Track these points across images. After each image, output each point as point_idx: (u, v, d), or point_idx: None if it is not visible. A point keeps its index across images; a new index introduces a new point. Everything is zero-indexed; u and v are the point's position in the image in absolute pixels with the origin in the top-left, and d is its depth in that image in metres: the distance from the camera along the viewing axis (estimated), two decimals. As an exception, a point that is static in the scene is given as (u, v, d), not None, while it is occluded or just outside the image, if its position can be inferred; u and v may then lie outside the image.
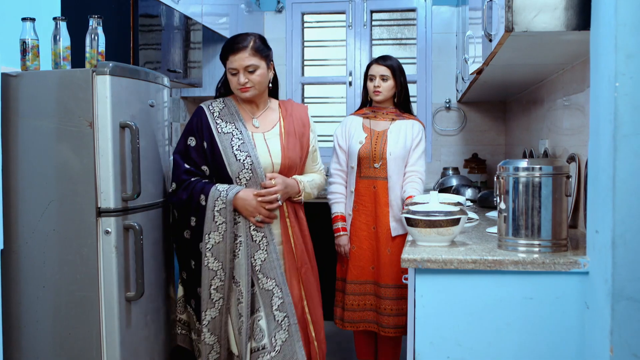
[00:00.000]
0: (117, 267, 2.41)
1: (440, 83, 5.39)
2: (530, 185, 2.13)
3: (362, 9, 5.48)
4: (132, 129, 2.45)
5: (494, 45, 2.40)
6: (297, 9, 5.59)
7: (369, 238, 3.51)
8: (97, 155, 2.39)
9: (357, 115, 3.63)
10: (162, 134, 2.82)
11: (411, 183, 3.44)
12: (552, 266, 2.01)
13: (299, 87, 5.61)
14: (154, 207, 2.71)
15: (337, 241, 3.55)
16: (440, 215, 2.24)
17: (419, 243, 2.29)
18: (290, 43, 5.59)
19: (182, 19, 3.78)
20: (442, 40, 5.38)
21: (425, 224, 2.23)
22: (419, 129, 3.53)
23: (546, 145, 3.45)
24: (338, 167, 3.59)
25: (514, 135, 4.85)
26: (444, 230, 2.23)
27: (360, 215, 3.52)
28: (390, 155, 3.44)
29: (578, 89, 2.78)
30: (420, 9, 5.41)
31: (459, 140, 5.40)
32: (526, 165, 2.15)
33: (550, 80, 3.38)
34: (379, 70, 3.50)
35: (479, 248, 2.22)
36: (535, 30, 2.08)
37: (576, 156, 2.74)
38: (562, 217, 2.14)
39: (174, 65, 3.66)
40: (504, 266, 2.03)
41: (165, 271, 2.82)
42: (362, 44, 5.51)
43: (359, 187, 3.51)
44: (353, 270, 3.53)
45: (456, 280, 2.08)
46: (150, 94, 2.71)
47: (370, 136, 3.52)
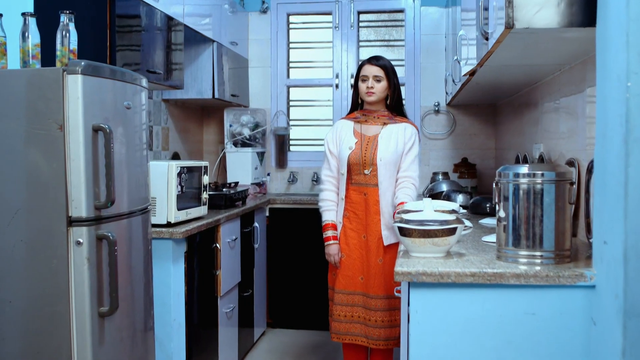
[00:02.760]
0: (90, 280, 2.25)
1: (429, 86, 5.26)
2: (532, 192, 2.00)
3: (348, 10, 5.35)
4: (105, 132, 2.29)
5: (491, 44, 2.26)
6: (283, 10, 5.45)
7: (359, 247, 3.37)
8: (68, 160, 2.23)
9: (348, 120, 3.49)
10: (139, 137, 2.66)
11: (403, 189, 3.30)
12: (557, 279, 1.88)
13: (284, 90, 5.46)
14: (130, 216, 2.55)
15: (327, 250, 3.40)
16: (436, 224, 2.10)
17: (412, 254, 2.15)
18: (275, 44, 5.45)
19: (163, 19, 3.63)
20: (430, 42, 5.26)
21: (420, 234, 2.09)
22: (411, 132, 3.39)
23: (541, 149, 3.33)
24: (329, 174, 3.44)
25: (505, 139, 4.73)
26: (440, 240, 2.09)
27: (350, 223, 3.38)
28: (381, 161, 3.31)
29: (576, 91, 2.66)
30: (408, 9, 5.29)
31: (448, 144, 5.27)
32: (527, 171, 2.01)
33: (545, 82, 3.26)
34: (372, 71, 3.36)
35: (477, 259, 2.08)
36: (537, 27, 1.95)
37: (575, 161, 2.62)
38: (565, 226, 2.00)
39: (154, 66, 3.50)
40: (505, 279, 1.90)
41: (143, 284, 2.66)
42: (349, 45, 5.38)
43: (350, 194, 3.38)
44: (341, 280, 3.39)
45: (453, 294, 1.94)
46: (126, 95, 2.55)
47: (360, 141, 3.38)
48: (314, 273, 4.75)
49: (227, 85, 4.80)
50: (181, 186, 3.18)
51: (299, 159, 5.48)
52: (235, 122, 5.12)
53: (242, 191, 4.29)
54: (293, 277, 4.88)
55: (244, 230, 4.19)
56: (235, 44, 4.96)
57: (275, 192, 5.43)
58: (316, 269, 4.71)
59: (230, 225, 3.85)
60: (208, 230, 3.48)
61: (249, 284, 4.35)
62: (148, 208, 2.79)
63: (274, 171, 5.46)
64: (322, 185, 3.47)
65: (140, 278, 2.65)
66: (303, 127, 5.56)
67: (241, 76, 5.23)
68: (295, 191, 5.42)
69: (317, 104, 5.56)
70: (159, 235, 3.03)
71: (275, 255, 4.88)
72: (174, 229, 3.07)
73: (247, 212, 4.22)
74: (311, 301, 4.83)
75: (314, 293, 4.79)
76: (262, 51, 5.45)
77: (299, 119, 5.55)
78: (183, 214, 3.21)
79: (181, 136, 4.94)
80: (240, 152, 5.00)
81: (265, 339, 4.77)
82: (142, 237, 2.71)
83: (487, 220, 3.15)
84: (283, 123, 5.42)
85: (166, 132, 4.61)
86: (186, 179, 3.24)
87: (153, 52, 3.50)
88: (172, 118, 4.73)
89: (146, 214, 2.75)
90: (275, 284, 4.90)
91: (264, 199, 4.76)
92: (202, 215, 3.49)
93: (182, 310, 3.17)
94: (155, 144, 4.42)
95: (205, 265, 3.48)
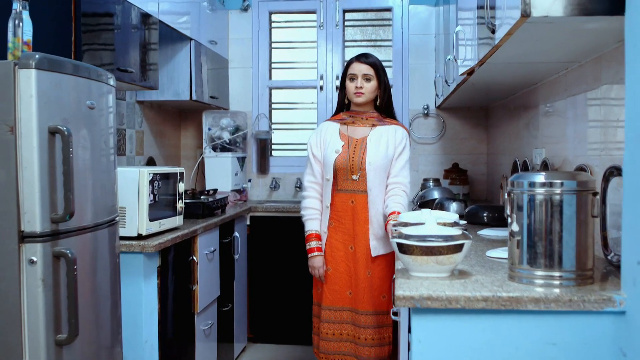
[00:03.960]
0: (45, 305, 1.97)
1: (417, 88, 5.03)
2: (550, 203, 1.75)
3: (333, 9, 5.10)
4: (64, 135, 2.01)
5: (499, 37, 2.02)
6: (264, 8, 5.19)
7: (345, 259, 3.11)
8: (20, 167, 1.95)
9: (334, 121, 3.24)
10: (105, 141, 2.39)
11: (394, 197, 3.06)
12: (581, 304, 1.64)
13: (266, 92, 5.20)
14: (95, 229, 2.28)
15: (311, 262, 3.14)
16: (440, 240, 1.85)
17: (412, 273, 1.90)
18: (256, 44, 5.19)
19: (136, 14, 3.35)
20: (419, 41, 5.03)
21: (422, 251, 1.84)
22: (402, 135, 3.15)
23: (543, 155, 3.10)
24: (312, 180, 3.19)
25: (498, 143, 4.51)
26: (444, 258, 1.84)
27: (336, 234, 3.13)
28: (370, 166, 3.06)
29: (587, 90, 2.43)
30: (396, 8, 5.06)
31: (438, 149, 5.04)
32: (544, 180, 1.77)
33: (547, 83, 3.03)
34: (361, 69, 3.11)
35: (487, 280, 1.83)
36: (556, 15, 1.71)
37: (587, 168, 2.39)
38: (587, 242, 1.76)
39: (126, 64, 3.22)
40: (522, 305, 1.65)
41: (109, 305, 2.39)
42: (334, 45, 5.13)
43: (335, 202, 3.12)
44: (328, 295, 3.13)
45: (463, 321, 1.69)
46: (91, 94, 2.28)
47: (347, 144, 3.13)
48: (298, 285, 4.49)
49: (206, 86, 4.53)
50: (154, 194, 2.91)
51: (282, 165, 5.22)
52: (215, 125, 4.86)
53: (222, 199, 4.02)
54: (275, 290, 4.61)
55: (224, 241, 3.92)
56: (214, 43, 4.69)
57: (257, 199, 5.16)
58: (300, 280, 4.45)
59: (208, 236, 3.58)
60: (184, 242, 3.21)
61: (228, 298, 4.08)
62: (116, 219, 2.52)
63: (255, 177, 5.19)
64: (304, 192, 3.22)
65: (106, 298, 2.38)
66: (286, 131, 5.30)
67: (221, 77, 4.96)
68: (278, 198, 5.16)
69: (301, 107, 5.31)
70: (128, 249, 2.76)
71: (257, 267, 4.61)
72: (145, 241, 2.80)
73: (226, 222, 3.95)
74: (294, 315, 4.57)
75: (297, 306, 4.53)
76: (242, 51, 5.19)
77: (281, 122, 5.29)
78: (156, 224, 2.93)
79: (157, 140, 4.65)
80: (219, 157, 4.74)
81: (246, 355, 4.50)
82: (109, 252, 2.44)
83: (486, 232, 2.91)
84: (265, 127, 5.16)
85: (141, 136, 4.33)
86: (159, 186, 2.97)
87: (125, 49, 3.23)
88: (147, 121, 4.45)
89: (113, 226, 2.48)
90: (256, 296, 4.63)
91: (244, 207, 4.49)
92: (178, 226, 3.22)
93: (155, 330, 2.89)
94: (129, 149, 4.14)
95: (181, 280, 3.21)
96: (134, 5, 3.31)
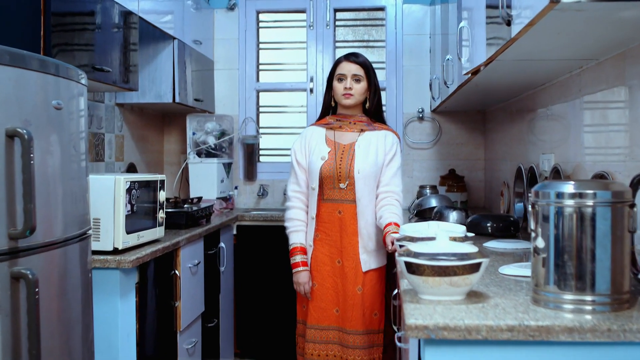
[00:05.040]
0: (1, 334, 1.72)
1: (412, 90, 4.81)
2: (581, 217, 1.53)
3: (324, 8, 4.88)
4: (23, 138, 1.76)
5: (517, 30, 1.80)
6: (252, 7, 4.96)
7: (332, 274, 2.89)
8: (-27, 176, 1.70)
9: (319, 126, 3.01)
10: (75, 146, 2.14)
11: (388, 207, 2.84)
12: (621, 334, 1.41)
13: (253, 95, 4.96)
14: (64, 244, 2.03)
15: (296, 278, 2.92)
16: (454, 259, 1.62)
17: (422, 296, 1.67)
18: (243, 45, 4.95)
19: (115, 10, 3.10)
20: (414, 42, 4.81)
21: (434, 272, 1.61)
22: (392, 141, 2.94)
23: (552, 160, 2.89)
24: (296, 189, 2.96)
25: (497, 149, 4.30)
26: (459, 279, 1.61)
27: (322, 247, 2.91)
28: (359, 174, 2.84)
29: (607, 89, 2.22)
30: (389, 7, 4.84)
31: (433, 154, 4.82)
32: (573, 190, 1.55)
33: (558, 83, 2.82)
34: (350, 69, 2.90)
35: (508, 304, 1.60)
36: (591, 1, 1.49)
37: (608, 175, 2.17)
38: (624, 262, 1.54)
39: (102, 63, 2.97)
40: (553, 335, 1.42)
41: (80, 329, 2.14)
42: (324, 46, 4.90)
43: (322, 213, 2.90)
44: (313, 313, 2.91)
45: (484, 355, 1.45)
46: (60, 93, 2.04)
47: (334, 151, 2.91)
48: (287, 298, 4.24)
49: (190, 88, 4.29)
50: (131, 204, 2.66)
51: (270, 171, 4.98)
52: (199, 129, 4.62)
53: (206, 207, 3.78)
54: (264, 303, 4.36)
55: (209, 252, 3.67)
56: (198, 43, 4.45)
57: (244, 207, 4.91)
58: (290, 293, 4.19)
59: (191, 248, 3.33)
60: (165, 256, 2.96)
61: (214, 313, 3.83)
62: (88, 233, 2.27)
63: (242, 184, 4.94)
64: (288, 203, 3.00)
65: (77, 322, 2.13)
66: (274, 135, 5.06)
67: (206, 79, 4.72)
68: (266, 206, 4.91)
69: (290, 110, 5.07)
70: (103, 264, 2.51)
71: (244, 279, 4.36)
72: (122, 256, 2.55)
73: (211, 232, 3.71)
74: (284, 329, 4.32)
75: (287, 320, 4.28)
76: (229, 52, 4.95)
77: (269, 126, 5.05)
78: (134, 237, 2.68)
79: (138, 145, 4.40)
80: (204, 163, 4.49)
81: (232, 372, 4.26)
82: (80, 270, 2.19)
83: (493, 244, 2.68)
84: (252, 131, 4.92)
85: (121, 141, 4.08)
86: (138, 195, 2.72)
87: (101, 48, 2.98)
88: (127, 125, 4.20)
89: (85, 241, 2.23)
90: (243, 310, 4.38)
91: (231, 216, 4.25)
92: (158, 238, 2.97)
93: (133, 353, 2.64)
94: (108, 154, 3.89)
95: (162, 297, 2.96)
96: (111, 1, 3.07)
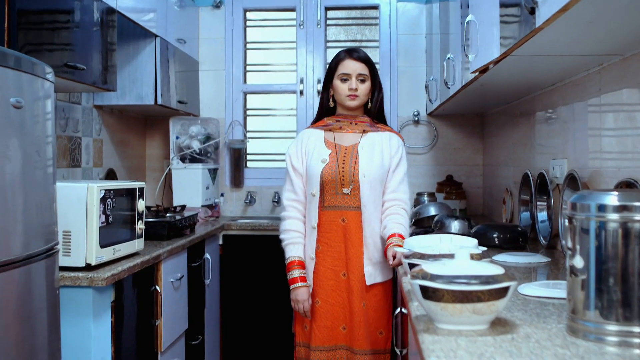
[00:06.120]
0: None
1: (407, 93, 4.59)
2: (628, 234, 1.30)
3: (315, 6, 4.65)
4: (-27, 142, 1.52)
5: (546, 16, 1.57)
6: (239, 5, 4.72)
7: (337, 289, 2.65)
8: None
9: (316, 128, 2.78)
10: (39, 150, 1.89)
11: (393, 216, 2.61)
12: (683, 376, 1.19)
13: (240, 97, 4.72)
14: (26, 262, 1.78)
15: (294, 295, 2.67)
16: (477, 282, 1.39)
17: (440, 325, 1.43)
18: (230, 45, 4.71)
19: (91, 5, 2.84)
20: (408, 42, 4.60)
21: (454, 297, 1.38)
22: (398, 144, 2.71)
23: (565, 166, 2.67)
24: (293, 197, 2.72)
25: (498, 153, 4.08)
26: (484, 306, 1.38)
27: (325, 259, 2.66)
28: (364, 178, 2.61)
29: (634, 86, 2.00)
30: (383, 6, 4.62)
31: (430, 159, 4.60)
32: (617, 202, 1.32)
33: (572, 82, 2.60)
34: (356, 68, 2.67)
35: (541, 335, 1.37)
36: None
37: (637, 183, 1.95)
38: (678, 286, 1.32)
39: (76, 61, 2.71)
40: (602, 376, 1.19)
41: (46, 357, 1.89)
42: (315, 46, 4.68)
43: (323, 221, 2.66)
44: (318, 333, 2.66)
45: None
46: (22, 90, 1.80)
47: (335, 153, 2.68)
48: (277, 312, 4.01)
49: (173, 89, 4.04)
50: (106, 215, 2.41)
51: (258, 177, 4.73)
52: (183, 133, 4.37)
53: (191, 216, 3.53)
54: (252, 317, 4.12)
55: (192, 265, 3.43)
56: (182, 42, 4.21)
57: (230, 215, 4.66)
58: (280, 307, 3.98)
59: (174, 261, 3.08)
60: (145, 271, 2.71)
61: (198, 330, 3.58)
62: (55, 248, 2.02)
63: (228, 191, 4.69)
64: (283, 213, 2.75)
65: (41, 349, 1.88)
66: (262, 139, 4.82)
67: (190, 80, 4.47)
68: (254, 214, 4.66)
69: (279, 113, 4.85)
70: (74, 282, 2.26)
71: (231, 292, 4.11)
72: (95, 273, 2.30)
73: (196, 242, 3.46)
74: (272, 345, 4.08)
75: (275, 335, 4.05)
76: (214, 52, 4.71)
77: (257, 130, 4.81)
78: (109, 251, 2.43)
79: (118, 150, 4.14)
80: (188, 169, 4.25)
81: (218, 392, 4.00)
82: (46, 290, 1.94)
83: (503, 258, 2.45)
84: (239, 135, 4.68)
85: (99, 145, 3.82)
86: (113, 205, 2.47)
87: (76, 44, 2.73)
88: (106, 128, 3.94)
89: (52, 257, 1.98)
90: (230, 325, 4.13)
91: (216, 225, 4.00)
92: (137, 251, 2.72)
93: (108, 379, 2.40)
94: (85, 159, 3.62)
95: (142, 316, 2.71)
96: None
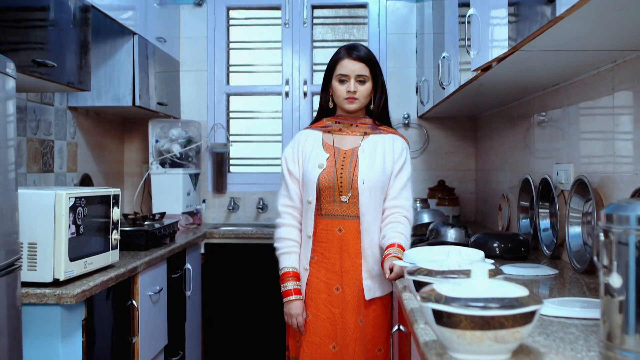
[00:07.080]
0: None
1: (396, 94, 4.41)
2: (674, 251, 1.13)
3: (301, 4, 4.48)
4: None
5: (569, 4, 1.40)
6: (221, 3, 4.54)
7: (329, 304, 2.47)
8: None
9: (315, 129, 2.59)
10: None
11: (393, 224, 2.43)
12: None
13: (223, 98, 4.53)
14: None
15: (287, 309, 2.48)
16: (498, 306, 1.20)
17: (455, 355, 1.25)
18: (212, 44, 4.52)
19: None
20: (398, 42, 4.44)
21: (473, 324, 1.19)
22: (402, 147, 2.54)
23: (571, 171, 2.51)
24: (288, 203, 2.53)
25: (492, 158, 3.92)
26: (507, 333, 1.20)
27: (319, 271, 2.48)
28: (364, 184, 2.43)
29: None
30: (371, 4, 4.46)
31: (421, 164, 4.44)
32: (660, 214, 1.15)
33: (579, 81, 2.44)
34: (354, 69, 2.49)
35: (572, 366, 1.19)
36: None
37: (660, 190, 1.79)
38: None
39: (45, 57, 2.51)
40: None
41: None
42: (301, 46, 4.50)
43: (319, 231, 2.48)
44: (306, 350, 2.48)
45: None
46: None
47: (334, 157, 2.49)
48: (261, 324, 3.82)
49: (153, 91, 3.83)
50: (77, 225, 2.20)
51: (241, 182, 4.54)
52: (163, 136, 4.16)
53: (170, 224, 3.33)
54: (235, 330, 3.92)
55: (172, 276, 3.22)
56: (162, 41, 4.01)
57: (213, 222, 4.46)
58: (264, 319, 3.79)
59: (152, 273, 2.88)
60: (120, 284, 2.50)
61: (179, 345, 3.37)
62: (17, 263, 1.82)
63: (210, 197, 4.49)
64: (278, 220, 2.56)
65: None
66: (246, 143, 4.64)
67: (170, 81, 4.27)
68: (237, 221, 4.47)
69: (263, 116, 4.67)
70: (40, 299, 2.05)
71: (213, 304, 3.91)
72: (63, 289, 2.09)
73: (176, 252, 3.25)
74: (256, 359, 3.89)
75: (260, 349, 3.85)
76: (196, 52, 4.51)
77: (241, 133, 4.63)
78: (79, 265, 2.22)
79: (95, 154, 3.93)
80: (168, 174, 4.05)
81: (200, 409, 3.80)
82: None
83: (507, 270, 2.28)
84: (222, 139, 4.49)
85: (73, 149, 3.60)
86: (85, 213, 2.26)
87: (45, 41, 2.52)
88: (81, 131, 3.72)
89: (13, 274, 1.78)
90: (212, 339, 3.93)
91: (198, 233, 3.80)
92: (112, 264, 2.51)
93: (79, 404, 2.19)
94: (58, 164, 3.41)
95: (117, 333, 2.51)
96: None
